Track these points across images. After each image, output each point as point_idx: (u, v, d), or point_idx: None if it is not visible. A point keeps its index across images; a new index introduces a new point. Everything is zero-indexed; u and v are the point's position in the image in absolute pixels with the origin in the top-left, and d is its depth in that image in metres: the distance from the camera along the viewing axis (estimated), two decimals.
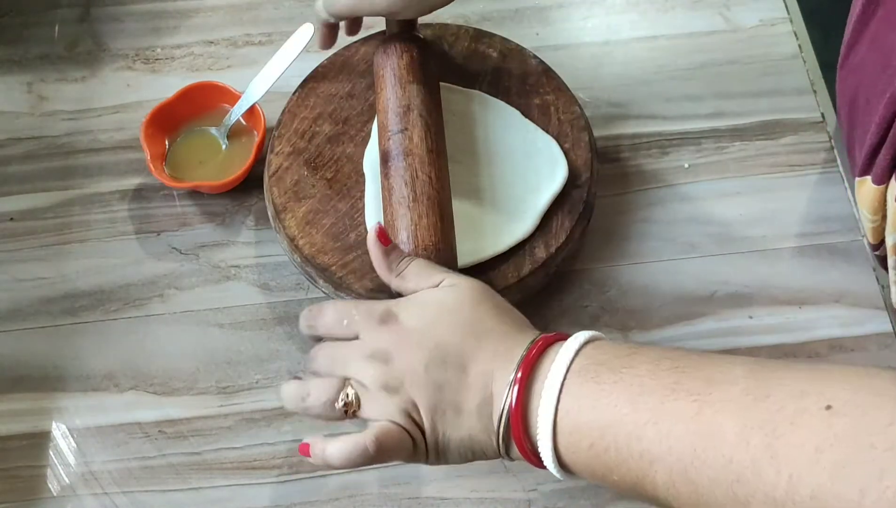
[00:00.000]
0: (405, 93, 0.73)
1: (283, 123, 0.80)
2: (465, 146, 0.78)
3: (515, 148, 0.78)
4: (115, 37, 0.92)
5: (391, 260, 0.64)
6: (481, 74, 0.83)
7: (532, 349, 0.56)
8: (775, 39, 0.91)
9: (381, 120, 0.73)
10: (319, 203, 0.77)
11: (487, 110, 0.80)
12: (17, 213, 0.83)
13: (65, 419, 0.74)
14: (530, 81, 0.82)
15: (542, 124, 0.80)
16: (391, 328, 0.60)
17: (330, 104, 0.81)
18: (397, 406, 0.58)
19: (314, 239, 0.75)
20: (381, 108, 0.74)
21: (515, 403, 0.55)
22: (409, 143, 0.71)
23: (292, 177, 0.78)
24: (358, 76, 0.82)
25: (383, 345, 0.59)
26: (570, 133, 0.79)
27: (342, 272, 0.73)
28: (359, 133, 0.80)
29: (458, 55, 0.84)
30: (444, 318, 0.59)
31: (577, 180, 0.77)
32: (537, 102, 0.81)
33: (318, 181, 0.78)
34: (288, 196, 0.77)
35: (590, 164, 0.78)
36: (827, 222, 0.82)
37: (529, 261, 0.74)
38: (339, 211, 0.76)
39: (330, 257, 0.74)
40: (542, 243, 0.75)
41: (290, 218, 0.76)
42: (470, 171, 0.77)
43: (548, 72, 0.82)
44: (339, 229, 0.75)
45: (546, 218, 0.75)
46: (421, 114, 0.72)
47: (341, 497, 0.72)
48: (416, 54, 0.76)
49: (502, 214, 0.75)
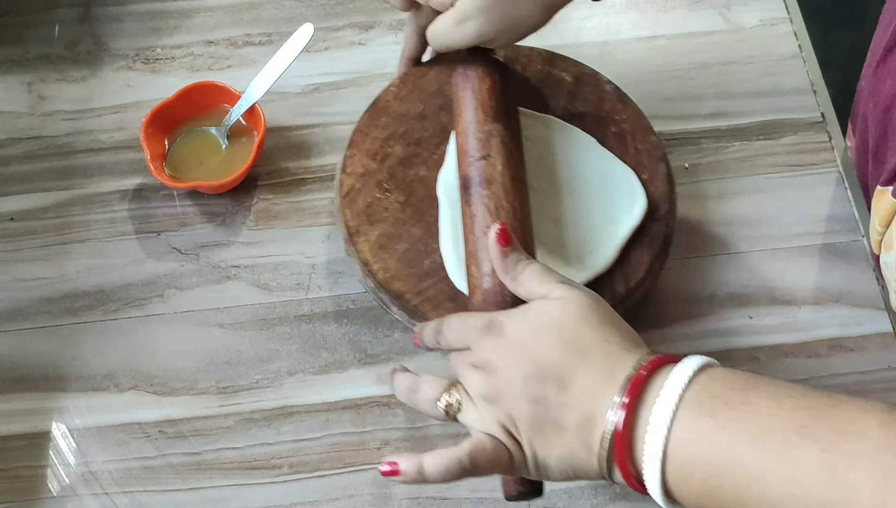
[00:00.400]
0: (487, 118, 0.71)
1: (354, 143, 0.78)
2: (542, 174, 0.76)
3: (592, 177, 0.76)
4: (115, 37, 0.92)
5: (509, 261, 0.62)
6: (555, 98, 0.80)
7: (640, 372, 0.54)
8: (775, 39, 0.91)
9: (461, 144, 0.71)
10: (393, 227, 0.74)
11: (564, 137, 0.78)
12: (17, 213, 0.83)
13: (65, 419, 0.74)
14: (605, 108, 0.80)
15: (618, 153, 0.77)
16: (495, 338, 0.59)
17: (402, 125, 0.79)
18: (494, 418, 0.57)
19: (388, 264, 0.73)
20: (461, 131, 0.71)
21: (622, 427, 0.53)
22: (493, 170, 0.68)
23: (365, 199, 0.76)
24: (430, 97, 0.80)
25: (486, 354, 0.58)
26: (647, 163, 0.77)
27: (417, 300, 0.72)
28: (431, 156, 0.77)
29: (531, 78, 0.81)
30: (548, 332, 0.58)
31: (656, 213, 0.75)
32: (613, 130, 0.78)
33: (391, 204, 0.75)
34: (361, 219, 0.75)
35: (668, 196, 0.76)
36: (827, 222, 0.82)
37: (609, 296, 0.70)
38: (413, 236, 0.74)
39: (404, 284, 0.72)
40: (621, 278, 0.72)
41: (364, 242, 0.74)
42: (547, 199, 0.75)
43: (623, 98, 0.80)
44: (414, 255, 0.73)
45: (624, 251, 0.73)
46: (504, 141, 0.70)
47: (341, 497, 0.72)
48: (498, 79, 0.73)
49: (580, 246, 0.73)
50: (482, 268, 0.65)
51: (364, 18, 0.93)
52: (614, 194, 0.75)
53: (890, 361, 0.76)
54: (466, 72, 0.73)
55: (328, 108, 0.88)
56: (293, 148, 0.86)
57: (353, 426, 0.74)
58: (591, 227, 0.74)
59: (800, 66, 0.90)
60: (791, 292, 0.79)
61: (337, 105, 0.88)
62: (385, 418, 0.74)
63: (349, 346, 0.77)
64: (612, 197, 0.75)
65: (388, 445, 0.73)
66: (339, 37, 0.92)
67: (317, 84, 0.89)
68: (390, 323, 0.78)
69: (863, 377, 0.75)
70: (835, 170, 0.84)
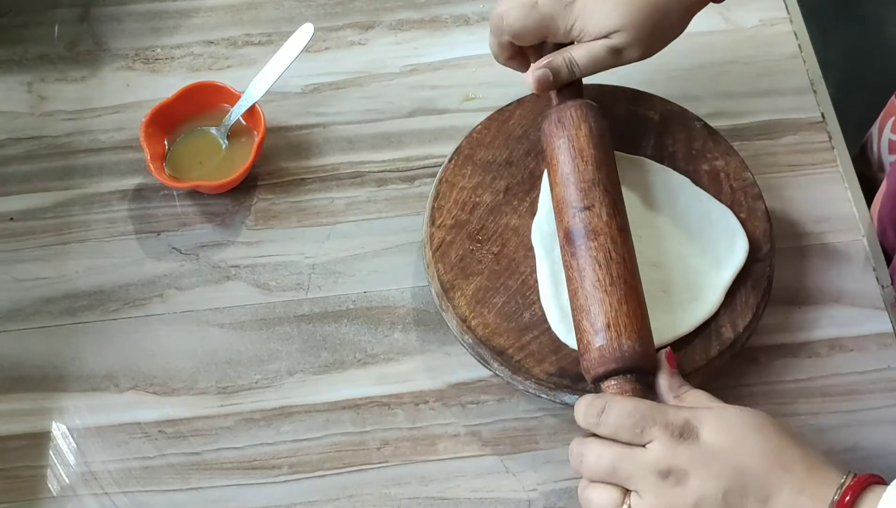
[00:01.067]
0: (587, 166, 0.68)
1: (442, 194, 0.77)
2: (639, 218, 0.74)
3: (690, 219, 0.75)
4: (115, 37, 0.92)
5: (673, 382, 0.61)
6: (643, 138, 0.79)
7: (846, 494, 0.53)
8: (775, 39, 0.91)
9: (561, 195, 0.69)
10: (488, 280, 0.73)
11: (657, 178, 0.77)
12: (17, 213, 0.83)
13: (65, 419, 0.74)
14: (696, 146, 0.78)
15: (713, 193, 0.76)
16: (691, 445, 0.55)
17: (488, 173, 0.77)
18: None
19: (487, 319, 0.72)
20: (560, 182, 0.69)
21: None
22: (598, 221, 0.66)
23: (457, 252, 0.74)
24: (515, 141, 0.79)
25: (680, 463, 0.55)
26: (744, 202, 0.76)
27: (520, 356, 0.70)
28: (521, 203, 0.76)
29: (618, 118, 0.79)
30: (750, 440, 0.55)
31: (758, 253, 0.74)
32: (706, 169, 0.77)
33: (485, 256, 0.74)
34: (455, 273, 0.74)
35: (768, 235, 0.75)
36: (827, 222, 0.82)
37: (717, 342, 0.70)
38: (509, 289, 0.73)
39: (505, 339, 0.71)
40: (727, 323, 0.71)
41: (460, 297, 0.73)
42: (646, 244, 0.73)
43: (714, 135, 0.79)
44: (512, 309, 0.72)
45: (729, 295, 0.72)
46: (607, 189, 0.68)
47: (341, 497, 0.72)
48: (594, 124, 0.71)
49: (683, 292, 0.72)
50: (596, 324, 0.64)
51: (364, 18, 0.93)
52: (713, 236, 0.74)
53: (889, 361, 0.76)
54: (561, 119, 0.71)
55: (328, 108, 0.88)
56: (293, 148, 0.86)
57: (353, 426, 0.74)
58: (695, 270, 0.73)
59: (800, 66, 0.90)
60: (791, 292, 0.79)
61: (337, 105, 0.88)
62: (385, 418, 0.74)
63: (349, 346, 0.77)
64: (712, 238, 0.74)
65: (388, 445, 0.73)
66: (339, 37, 0.92)
67: (317, 84, 0.89)
68: (390, 323, 0.78)
69: (862, 376, 0.75)
70: (835, 170, 0.84)
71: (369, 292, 0.79)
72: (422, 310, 0.78)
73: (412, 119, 0.87)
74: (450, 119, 0.87)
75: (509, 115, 0.81)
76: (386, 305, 0.78)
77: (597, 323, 0.64)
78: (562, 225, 0.69)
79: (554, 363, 0.70)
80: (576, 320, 0.66)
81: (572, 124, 0.70)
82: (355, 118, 0.87)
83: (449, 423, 0.74)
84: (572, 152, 0.69)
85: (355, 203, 0.83)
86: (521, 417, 0.74)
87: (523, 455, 0.73)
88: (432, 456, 0.73)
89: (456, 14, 0.92)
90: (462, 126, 0.84)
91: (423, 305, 0.78)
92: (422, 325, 0.77)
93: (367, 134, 0.86)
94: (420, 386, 0.75)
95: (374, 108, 0.88)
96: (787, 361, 0.76)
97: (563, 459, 0.72)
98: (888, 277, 0.79)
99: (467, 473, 0.72)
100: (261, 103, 0.82)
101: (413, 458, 0.73)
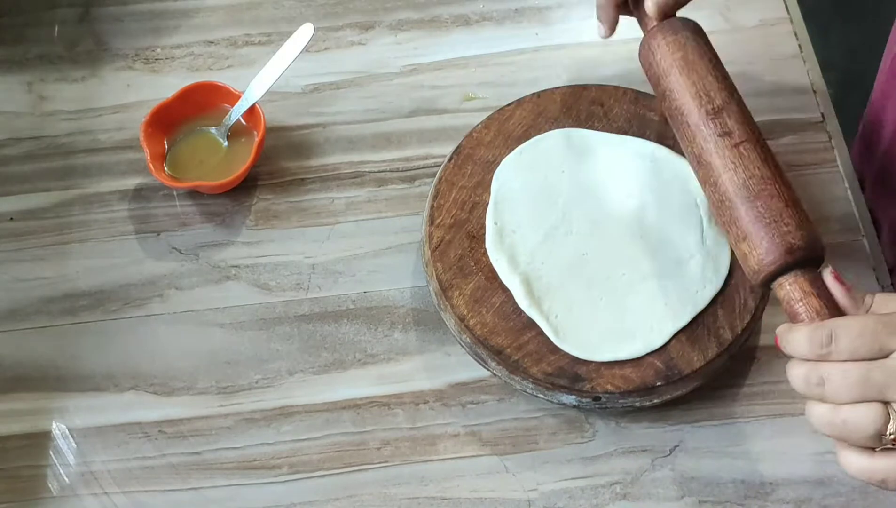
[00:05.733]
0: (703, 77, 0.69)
1: (441, 193, 0.77)
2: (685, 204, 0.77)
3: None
4: (115, 37, 0.92)
5: (853, 298, 0.59)
6: (644, 138, 0.79)
7: None
8: (775, 39, 0.91)
9: (683, 104, 0.68)
10: (487, 280, 0.73)
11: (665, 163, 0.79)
12: (17, 213, 0.83)
13: (65, 419, 0.74)
14: None
15: None
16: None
17: (488, 172, 0.78)
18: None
19: (485, 319, 0.72)
20: (681, 92, 0.68)
21: None
22: (733, 121, 0.66)
23: (455, 251, 0.75)
24: (514, 141, 0.79)
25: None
26: None
27: (518, 355, 0.71)
28: None
29: (618, 119, 0.80)
30: None
31: None
32: None
33: (484, 256, 0.74)
34: (453, 272, 0.74)
35: None
36: (827, 221, 0.82)
37: (715, 344, 0.71)
38: (507, 288, 0.73)
39: (503, 339, 0.71)
40: (726, 324, 0.72)
41: (458, 296, 0.73)
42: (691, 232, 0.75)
43: None
44: (510, 308, 0.72)
45: (728, 298, 0.73)
46: (732, 94, 0.68)
47: (341, 497, 0.72)
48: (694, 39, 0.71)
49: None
50: (780, 224, 0.62)
51: (364, 18, 0.93)
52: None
53: None
54: (671, 36, 0.70)
55: (328, 108, 0.88)
56: (293, 148, 0.86)
57: (353, 426, 0.74)
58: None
59: (800, 66, 0.90)
60: None
61: (337, 105, 0.88)
62: (385, 418, 0.74)
63: (349, 346, 0.77)
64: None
65: (388, 445, 0.73)
66: (339, 37, 0.92)
67: (317, 84, 0.89)
68: (390, 323, 0.78)
69: None
70: (835, 170, 0.84)
71: (369, 292, 0.79)
72: (422, 310, 0.78)
73: (412, 119, 0.87)
74: (450, 119, 0.87)
75: (509, 115, 0.81)
76: (386, 305, 0.78)
77: (783, 224, 0.62)
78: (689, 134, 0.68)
79: (552, 363, 0.71)
80: (734, 241, 0.65)
81: (686, 38, 0.70)
82: (355, 118, 0.87)
83: (449, 423, 0.74)
84: (684, 68, 0.69)
85: (355, 203, 0.83)
86: (521, 417, 0.74)
87: (523, 455, 0.73)
88: (432, 456, 0.73)
89: (456, 14, 0.92)
90: (462, 126, 0.84)
91: (423, 305, 0.78)
92: (422, 325, 0.77)
93: (367, 134, 0.86)
94: (420, 386, 0.75)
95: (374, 108, 0.88)
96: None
97: (563, 459, 0.72)
98: (888, 277, 0.79)
99: (467, 473, 0.72)
100: (261, 103, 0.82)
101: (413, 458, 0.73)
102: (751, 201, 0.64)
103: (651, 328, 0.72)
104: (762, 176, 0.64)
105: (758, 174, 0.64)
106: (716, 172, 0.66)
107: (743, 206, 0.64)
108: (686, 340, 0.72)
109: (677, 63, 0.70)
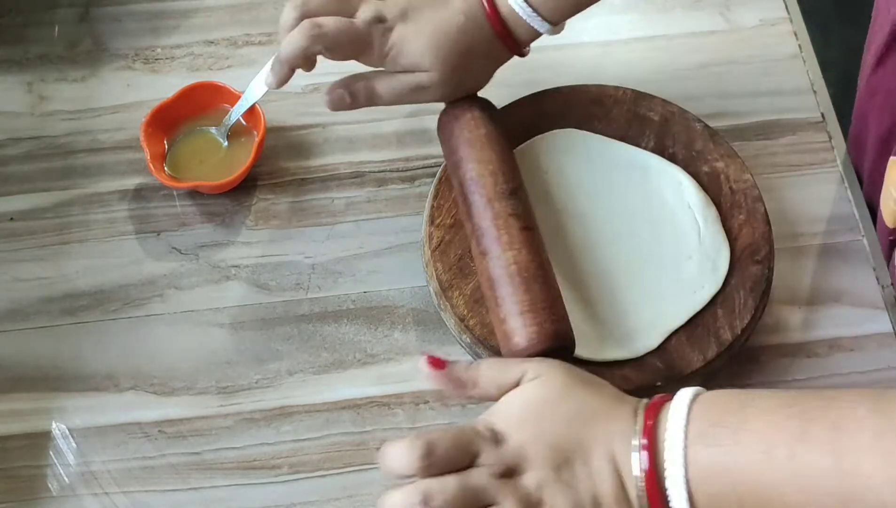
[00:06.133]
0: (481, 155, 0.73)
1: (441, 194, 0.77)
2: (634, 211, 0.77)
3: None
4: (115, 37, 0.92)
5: (455, 377, 0.61)
6: (643, 140, 0.80)
7: (646, 422, 0.55)
8: (775, 39, 0.91)
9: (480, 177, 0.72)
10: None
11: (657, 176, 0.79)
12: (17, 213, 0.83)
13: (65, 419, 0.74)
14: (696, 147, 0.79)
15: (712, 194, 0.77)
16: (505, 445, 0.57)
17: None
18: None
19: (485, 319, 0.71)
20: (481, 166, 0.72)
21: (646, 481, 0.54)
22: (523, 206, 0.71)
23: (455, 251, 0.75)
24: (514, 141, 0.78)
25: (509, 460, 0.57)
26: (744, 204, 0.76)
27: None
28: None
29: (618, 119, 0.80)
30: (547, 416, 0.57)
31: (757, 256, 0.74)
32: (706, 170, 0.78)
33: None
34: (453, 272, 0.74)
35: (767, 237, 0.75)
36: (827, 221, 0.82)
37: (715, 344, 0.71)
38: None
39: None
40: (726, 324, 0.72)
41: (458, 296, 0.73)
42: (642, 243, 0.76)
43: (714, 136, 0.79)
44: None
45: (728, 298, 0.73)
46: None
47: (341, 497, 0.72)
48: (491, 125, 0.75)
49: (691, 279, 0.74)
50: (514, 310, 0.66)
51: None
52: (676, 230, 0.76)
53: (889, 361, 0.76)
54: (478, 112, 0.75)
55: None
56: (293, 148, 0.86)
57: (353, 426, 0.74)
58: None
59: (800, 66, 0.90)
60: (790, 291, 0.79)
61: None
62: (385, 418, 0.74)
63: (349, 346, 0.77)
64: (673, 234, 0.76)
65: None
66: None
67: (317, 84, 0.89)
68: (390, 323, 0.78)
69: (862, 377, 0.75)
70: (835, 170, 0.84)
71: (369, 291, 0.79)
72: (422, 310, 0.78)
73: (412, 119, 0.87)
74: None
75: (509, 115, 0.81)
76: (386, 305, 0.78)
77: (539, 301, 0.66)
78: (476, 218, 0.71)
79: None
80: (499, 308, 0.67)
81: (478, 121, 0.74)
82: (355, 118, 0.86)
83: (449, 423, 0.74)
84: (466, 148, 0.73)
85: (355, 203, 0.83)
86: None
87: None
88: None
89: None
90: None
91: (423, 305, 0.78)
92: (422, 325, 0.77)
93: (367, 134, 0.86)
94: (420, 386, 0.75)
95: (374, 108, 0.87)
96: (786, 361, 0.76)
97: None
98: (888, 277, 0.79)
99: None
100: (261, 103, 0.82)
101: None
102: (528, 282, 0.67)
103: (650, 329, 0.72)
104: (542, 262, 0.69)
105: (538, 260, 0.68)
106: (501, 247, 0.69)
107: (521, 285, 0.67)
108: (686, 340, 0.72)
109: (480, 138, 0.73)
